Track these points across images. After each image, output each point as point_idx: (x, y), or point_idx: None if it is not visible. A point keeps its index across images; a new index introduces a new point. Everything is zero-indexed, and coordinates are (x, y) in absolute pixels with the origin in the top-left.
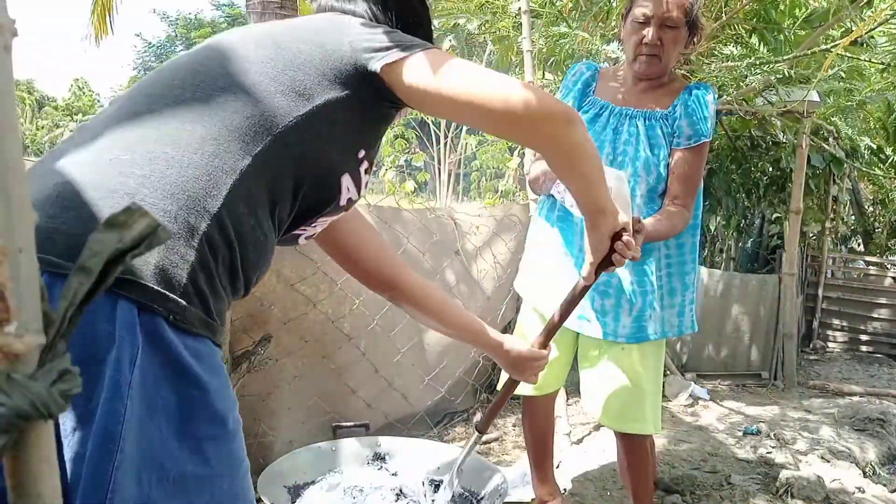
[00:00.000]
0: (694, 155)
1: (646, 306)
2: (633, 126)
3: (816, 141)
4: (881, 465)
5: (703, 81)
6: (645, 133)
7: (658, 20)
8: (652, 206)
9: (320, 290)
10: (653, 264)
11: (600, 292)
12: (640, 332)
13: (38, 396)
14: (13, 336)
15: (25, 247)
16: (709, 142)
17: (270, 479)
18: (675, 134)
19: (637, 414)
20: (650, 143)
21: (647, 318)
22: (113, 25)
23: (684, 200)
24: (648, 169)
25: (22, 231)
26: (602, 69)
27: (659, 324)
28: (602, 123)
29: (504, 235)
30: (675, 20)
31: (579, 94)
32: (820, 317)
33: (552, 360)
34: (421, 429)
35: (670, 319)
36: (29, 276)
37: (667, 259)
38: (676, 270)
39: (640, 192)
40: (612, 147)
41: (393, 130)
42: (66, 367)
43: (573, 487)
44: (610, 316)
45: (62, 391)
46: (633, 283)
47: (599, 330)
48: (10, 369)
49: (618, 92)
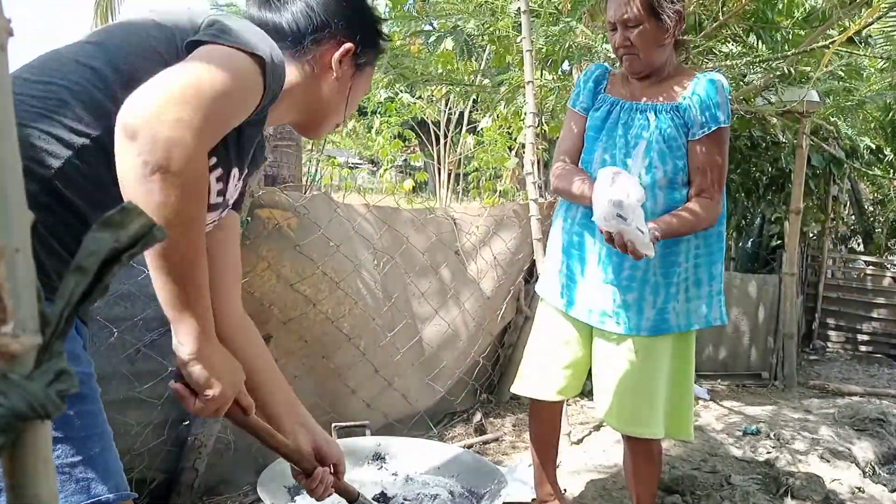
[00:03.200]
0: (711, 143)
1: (669, 298)
2: (644, 118)
3: (816, 141)
4: (881, 465)
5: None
6: (656, 124)
7: (620, 22)
8: (673, 195)
9: (320, 290)
10: (681, 255)
11: (623, 287)
12: (663, 324)
13: (35, 397)
14: (10, 336)
15: (22, 247)
16: (727, 128)
17: (270, 479)
18: (688, 125)
19: (648, 417)
20: (662, 134)
21: (669, 311)
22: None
23: (710, 192)
24: (664, 159)
25: (18, 231)
26: (612, 70)
27: (684, 315)
28: (613, 120)
29: (504, 235)
30: (635, 18)
31: (591, 92)
32: (820, 317)
33: (574, 362)
34: (421, 429)
35: (697, 310)
36: (25, 276)
37: (696, 250)
38: (704, 261)
39: (659, 183)
40: (624, 140)
41: (391, 130)
42: (63, 368)
43: (573, 487)
44: (633, 310)
45: (59, 391)
46: (659, 275)
47: (623, 325)
48: (6, 370)
49: (628, 90)
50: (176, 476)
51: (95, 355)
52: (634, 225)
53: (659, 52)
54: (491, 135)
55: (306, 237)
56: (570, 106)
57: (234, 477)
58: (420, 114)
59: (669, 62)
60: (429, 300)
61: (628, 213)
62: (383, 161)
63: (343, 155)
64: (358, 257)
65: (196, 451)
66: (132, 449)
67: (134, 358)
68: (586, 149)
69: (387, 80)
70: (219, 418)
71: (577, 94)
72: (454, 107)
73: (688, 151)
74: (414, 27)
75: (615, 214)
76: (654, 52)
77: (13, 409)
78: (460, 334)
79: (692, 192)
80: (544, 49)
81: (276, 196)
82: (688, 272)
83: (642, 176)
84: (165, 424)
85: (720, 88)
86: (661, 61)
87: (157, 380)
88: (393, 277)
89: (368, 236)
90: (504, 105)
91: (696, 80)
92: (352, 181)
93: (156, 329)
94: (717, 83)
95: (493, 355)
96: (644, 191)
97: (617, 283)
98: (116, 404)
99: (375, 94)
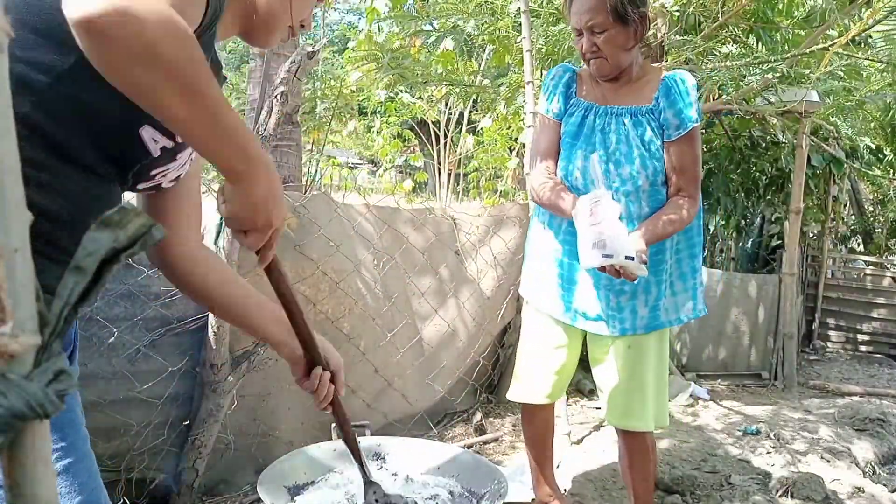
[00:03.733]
0: (688, 143)
1: (661, 295)
2: (621, 124)
3: (816, 141)
4: (881, 465)
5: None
6: (634, 130)
7: (586, 29)
8: (657, 195)
9: (320, 290)
10: (666, 252)
11: (615, 291)
12: (655, 320)
13: (33, 397)
14: (9, 336)
15: (21, 247)
16: (698, 126)
17: (270, 479)
18: (663, 127)
19: (640, 411)
20: (641, 140)
21: (661, 307)
22: None
23: (688, 190)
24: (645, 164)
25: (17, 231)
26: (579, 71)
27: (673, 310)
28: (590, 126)
29: (503, 235)
30: (602, 24)
31: (563, 97)
32: (820, 317)
33: (558, 369)
34: (421, 429)
35: (685, 304)
36: (24, 276)
37: (678, 245)
38: (686, 255)
39: (642, 187)
40: (604, 148)
41: (390, 129)
42: (62, 367)
43: (573, 487)
44: (627, 311)
45: (58, 391)
46: (650, 274)
47: (618, 327)
48: (5, 370)
49: (599, 91)
50: (176, 476)
51: (95, 355)
52: (622, 256)
53: (626, 56)
54: (491, 135)
55: (306, 237)
56: (542, 112)
57: (234, 477)
58: (420, 114)
59: (636, 62)
60: (428, 300)
61: (612, 250)
62: (383, 161)
63: (343, 155)
64: (358, 257)
65: (196, 451)
66: (132, 449)
67: (134, 358)
68: (564, 155)
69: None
70: (218, 419)
71: (548, 100)
72: (454, 107)
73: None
74: (414, 27)
75: (601, 256)
76: (622, 55)
77: (12, 408)
78: (460, 334)
79: (671, 192)
80: (544, 49)
81: None
82: (672, 267)
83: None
84: (165, 424)
85: (690, 88)
86: (628, 63)
87: (157, 380)
88: (393, 277)
89: (368, 236)
90: (504, 105)
91: (667, 81)
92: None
93: (156, 329)
94: (686, 83)
95: (492, 355)
96: (619, 204)
97: (610, 287)
98: (116, 404)
99: (375, 95)
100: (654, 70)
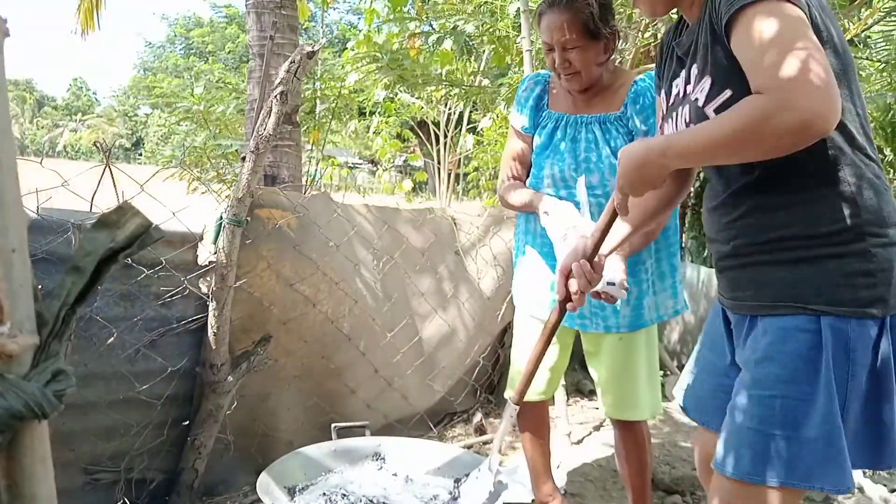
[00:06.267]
0: None
1: (642, 294)
2: (591, 132)
3: None
4: None
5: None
6: (603, 137)
7: (558, 45)
8: None
9: (320, 290)
10: (644, 254)
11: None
12: (639, 319)
13: (31, 397)
14: (7, 336)
15: (18, 247)
16: None
17: (270, 479)
18: (632, 133)
19: (633, 400)
20: (610, 147)
21: (644, 307)
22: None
23: None
24: (614, 171)
25: (15, 232)
26: (551, 78)
27: (654, 309)
28: (560, 136)
29: (503, 235)
30: (574, 41)
31: (533, 111)
32: None
33: (552, 366)
34: (421, 429)
35: (665, 303)
36: (22, 276)
37: (656, 245)
38: (665, 254)
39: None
40: (572, 156)
41: (389, 129)
42: (60, 367)
43: (573, 487)
44: (609, 310)
45: (56, 391)
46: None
47: (601, 325)
48: (3, 370)
49: (570, 101)
50: (176, 476)
51: (95, 355)
52: (604, 283)
53: (598, 69)
54: (491, 135)
55: (306, 237)
56: (512, 124)
57: (234, 477)
58: (420, 114)
59: (607, 69)
60: (428, 300)
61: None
62: (383, 161)
63: (343, 155)
64: (358, 257)
65: (196, 451)
66: (132, 449)
67: (133, 358)
68: (535, 165)
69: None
70: (218, 419)
71: (520, 113)
72: (454, 107)
73: None
74: (413, 29)
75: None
76: (594, 69)
77: (10, 408)
78: (460, 334)
79: None
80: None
81: (276, 196)
82: (652, 267)
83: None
84: (165, 424)
85: None
86: (599, 74)
87: (157, 380)
88: (392, 277)
89: (368, 236)
90: (504, 105)
91: (637, 87)
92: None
93: (156, 329)
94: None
95: (492, 355)
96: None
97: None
98: (116, 404)
99: (374, 95)
100: (627, 75)
